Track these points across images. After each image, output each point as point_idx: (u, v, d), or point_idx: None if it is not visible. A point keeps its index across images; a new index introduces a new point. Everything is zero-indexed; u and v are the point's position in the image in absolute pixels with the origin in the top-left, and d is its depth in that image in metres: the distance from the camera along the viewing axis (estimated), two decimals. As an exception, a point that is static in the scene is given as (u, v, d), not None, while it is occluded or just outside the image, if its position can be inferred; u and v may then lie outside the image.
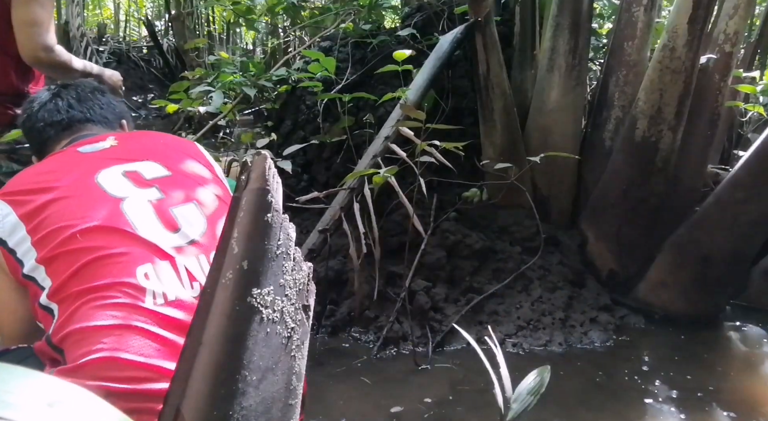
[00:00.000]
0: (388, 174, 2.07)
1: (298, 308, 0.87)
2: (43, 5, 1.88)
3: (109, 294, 0.90)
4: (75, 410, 0.51)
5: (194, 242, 1.02)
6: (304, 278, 0.90)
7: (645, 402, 1.86)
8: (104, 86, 1.51)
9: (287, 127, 2.97)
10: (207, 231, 1.04)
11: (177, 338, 0.90)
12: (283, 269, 0.85)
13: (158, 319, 0.91)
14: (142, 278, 0.92)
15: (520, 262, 2.45)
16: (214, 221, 1.07)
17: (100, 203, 0.99)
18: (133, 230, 0.97)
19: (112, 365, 0.86)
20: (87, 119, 1.31)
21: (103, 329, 0.88)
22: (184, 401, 0.76)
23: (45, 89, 1.37)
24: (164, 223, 1.01)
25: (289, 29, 5.43)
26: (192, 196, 1.08)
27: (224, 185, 1.22)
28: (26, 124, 1.32)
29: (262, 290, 0.82)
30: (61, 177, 1.04)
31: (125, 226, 0.97)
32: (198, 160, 1.22)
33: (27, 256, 0.96)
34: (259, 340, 0.81)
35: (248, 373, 0.79)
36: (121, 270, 0.92)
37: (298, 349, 0.88)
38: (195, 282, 0.97)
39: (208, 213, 1.07)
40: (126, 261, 0.93)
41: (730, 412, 1.82)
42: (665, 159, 2.43)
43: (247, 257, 0.81)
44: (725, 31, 2.45)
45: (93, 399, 0.55)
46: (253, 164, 0.85)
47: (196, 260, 0.99)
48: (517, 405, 1.28)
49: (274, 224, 0.84)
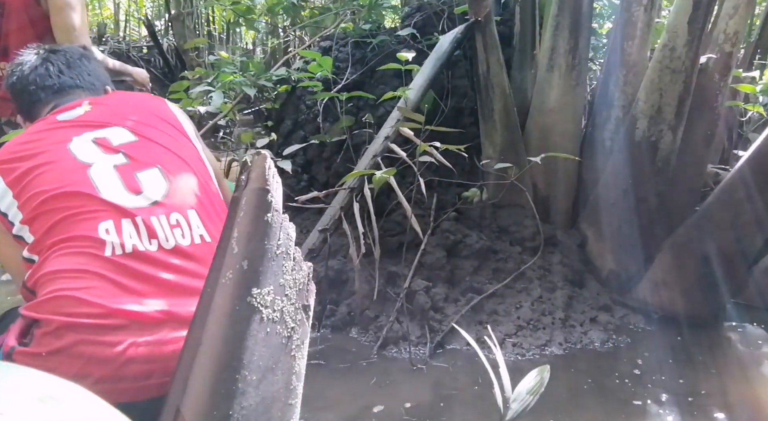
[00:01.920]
0: (387, 174, 2.07)
1: (298, 308, 0.87)
2: (76, 10, 2.13)
3: (74, 245, 1.03)
4: (66, 405, 0.51)
5: (157, 202, 1.11)
6: (304, 277, 0.90)
7: (645, 402, 1.86)
8: (92, 59, 1.56)
9: (287, 127, 2.97)
10: (169, 193, 1.14)
11: (133, 284, 1.01)
12: (283, 268, 0.85)
13: (115, 266, 1.02)
14: (103, 233, 1.04)
15: (520, 262, 2.45)
16: (177, 183, 1.16)
17: (71, 170, 1.11)
18: (97, 193, 1.08)
19: (71, 302, 0.97)
20: (76, 85, 1.38)
21: (66, 272, 1.00)
22: (184, 401, 0.76)
23: (33, 52, 1.41)
24: (127, 186, 1.11)
25: (289, 29, 5.44)
26: (156, 160, 1.18)
27: (192, 144, 1.29)
28: (17, 86, 1.38)
29: (262, 290, 0.82)
30: (41, 146, 1.16)
31: (91, 190, 1.08)
32: (167, 120, 1.29)
33: (15, 218, 1.09)
34: (259, 340, 0.81)
35: (248, 373, 0.79)
36: (85, 227, 1.04)
37: (298, 349, 0.88)
38: (154, 239, 1.07)
39: (172, 176, 1.16)
40: (90, 219, 1.05)
41: (731, 413, 1.82)
42: (665, 159, 2.42)
43: (247, 257, 0.81)
44: (725, 31, 2.45)
45: (84, 394, 0.55)
46: (253, 164, 0.85)
47: (157, 219, 1.09)
48: (517, 405, 1.28)
49: (274, 223, 0.84)
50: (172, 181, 1.15)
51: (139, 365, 0.96)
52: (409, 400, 1.82)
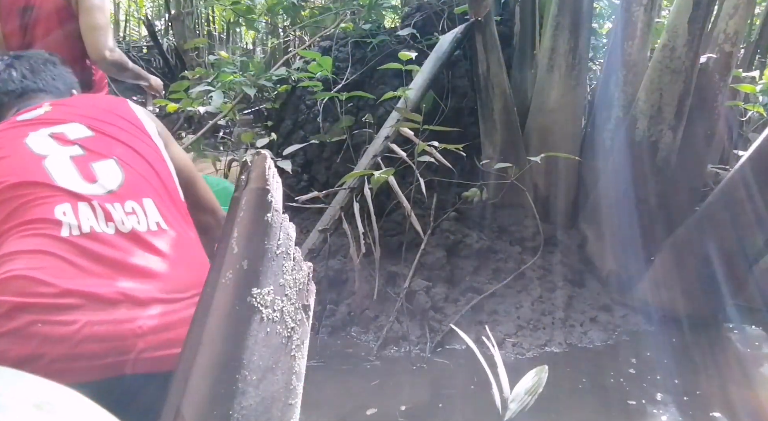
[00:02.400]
0: (386, 174, 2.06)
1: (298, 308, 0.87)
2: (104, 11, 2.31)
3: (30, 227, 1.05)
4: (62, 412, 0.51)
5: (112, 192, 1.13)
6: (304, 277, 0.90)
7: (645, 402, 1.86)
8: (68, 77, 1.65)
9: (287, 127, 2.97)
10: (125, 183, 1.16)
11: (89, 264, 1.02)
12: (283, 268, 0.85)
13: (72, 246, 1.03)
14: (60, 214, 1.06)
15: (520, 262, 2.45)
16: (133, 174, 1.18)
17: (27, 161, 1.14)
18: (52, 181, 1.11)
19: (25, 282, 0.98)
20: (39, 89, 1.42)
21: (21, 253, 1.02)
22: (184, 401, 0.76)
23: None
24: (83, 175, 1.14)
25: (289, 29, 5.43)
26: (112, 153, 1.20)
27: (152, 141, 1.31)
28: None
29: (262, 290, 0.82)
30: (1, 143, 1.21)
31: (46, 179, 1.11)
32: (127, 119, 1.32)
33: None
34: (259, 340, 0.81)
35: (248, 373, 0.79)
36: (42, 210, 1.06)
37: (298, 349, 0.87)
38: (111, 222, 1.09)
39: (128, 167, 1.19)
40: (47, 203, 1.08)
41: (729, 414, 1.82)
42: (665, 159, 2.42)
43: (247, 257, 0.81)
44: (725, 31, 2.45)
45: (80, 400, 0.55)
46: (253, 164, 0.85)
47: (112, 206, 1.11)
48: (515, 405, 1.28)
49: (274, 223, 0.84)
50: (127, 172, 1.17)
51: (95, 343, 0.96)
52: (409, 399, 1.82)
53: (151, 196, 1.17)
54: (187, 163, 1.50)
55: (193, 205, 1.50)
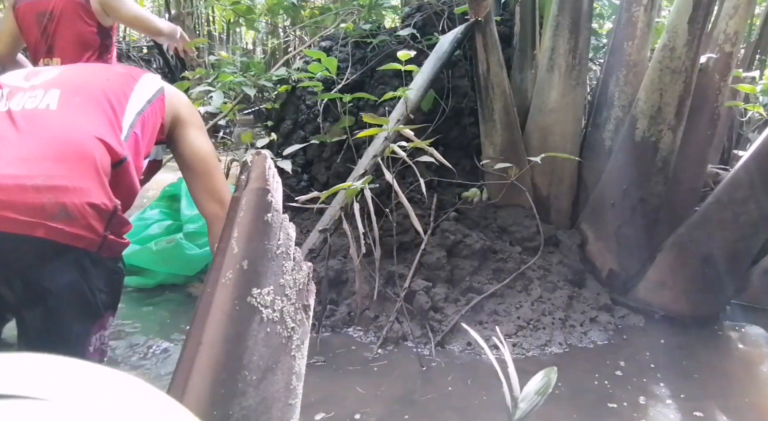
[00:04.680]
0: (364, 184, 2.05)
1: (298, 308, 0.87)
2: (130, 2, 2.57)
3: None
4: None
5: (34, 85, 1.33)
6: (304, 277, 0.90)
7: (645, 403, 1.86)
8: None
9: (287, 127, 2.97)
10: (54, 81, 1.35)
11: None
12: (283, 268, 0.85)
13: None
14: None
15: (520, 262, 2.45)
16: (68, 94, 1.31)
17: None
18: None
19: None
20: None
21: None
22: (184, 401, 0.76)
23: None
24: (26, 79, 1.37)
25: (289, 29, 5.44)
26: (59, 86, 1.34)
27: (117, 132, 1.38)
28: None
29: (262, 290, 0.82)
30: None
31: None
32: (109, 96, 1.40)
33: None
34: (259, 340, 0.81)
35: (248, 373, 0.79)
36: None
37: (298, 349, 0.88)
38: (9, 101, 1.28)
39: (68, 94, 1.32)
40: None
41: (731, 415, 1.82)
42: (665, 159, 2.42)
43: (247, 257, 0.81)
44: (725, 31, 2.45)
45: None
46: (253, 164, 0.85)
47: (24, 92, 1.31)
48: (525, 404, 1.28)
49: (274, 223, 0.84)
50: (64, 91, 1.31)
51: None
52: (409, 399, 1.82)
53: (62, 89, 1.30)
54: (202, 150, 1.54)
55: (203, 192, 1.54)
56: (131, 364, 1.99)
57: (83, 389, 0.45)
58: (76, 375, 0.47)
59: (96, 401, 0.44)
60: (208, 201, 1.53)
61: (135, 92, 1.42)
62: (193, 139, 1.53)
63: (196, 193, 1.55)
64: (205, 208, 1.54)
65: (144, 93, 1.44)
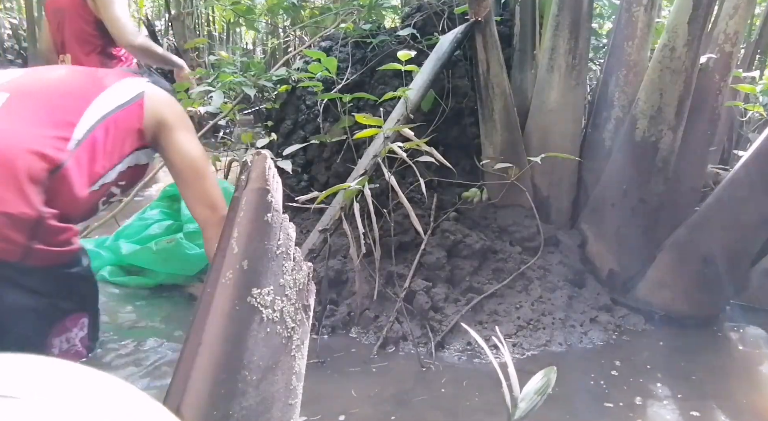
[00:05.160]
0: (360, 184, 2.06)
1: (298, 308, 0.87)
2: (120, 3, 2.62)
3: None
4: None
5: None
6: (304, 278, 0.90)
7: (645, 403, 1.86)
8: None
9: (287, 127, 2.97)
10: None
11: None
12: (283, 268, 0.85)
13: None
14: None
15: (520, 262, 2.45)
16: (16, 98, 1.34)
17: None
18: None
19: None
20: None
21: None
22: (184, 400, 0.76)
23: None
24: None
25: (289, 29, 5.44)
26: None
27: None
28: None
29: (262, 290, 0.82)
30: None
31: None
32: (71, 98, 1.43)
33: None
34: (259, 340, 0.81)
35: (248, 373, 0.79)
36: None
37: (298, 349, 0.88)
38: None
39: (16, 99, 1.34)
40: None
41: (731, 415, 1.82)
42: (665, 159, 2.42)
43: (247, 257, 0.82)
44: (725, 31, 2.45)
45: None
46: (253, 164, 0.85)
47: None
48: (525, 404, 1.28)
49: (274, 223, 0.84)
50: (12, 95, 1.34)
51: None
52: (409, 399, 1.82)
53: (11, 93, 1.32)
54: (190, 155, 1.53)
55: (193, 197, 1.54)
56: (131, 364, 1.99)
57: (53, 387, 0.45)
58: (47, 374, 0.47)
59: (65, 398, 0.44)
60: (199, 206, 1.52)
61: (101, 96, 1.41)
62: (181, 144, 1.52)
63: (187, 199, 1.55)
64: (196, 213, 1.54)
65: (115, 97, 1.44)
